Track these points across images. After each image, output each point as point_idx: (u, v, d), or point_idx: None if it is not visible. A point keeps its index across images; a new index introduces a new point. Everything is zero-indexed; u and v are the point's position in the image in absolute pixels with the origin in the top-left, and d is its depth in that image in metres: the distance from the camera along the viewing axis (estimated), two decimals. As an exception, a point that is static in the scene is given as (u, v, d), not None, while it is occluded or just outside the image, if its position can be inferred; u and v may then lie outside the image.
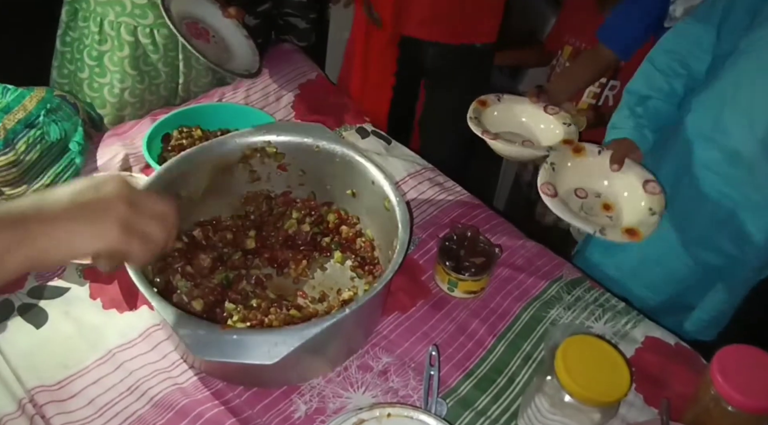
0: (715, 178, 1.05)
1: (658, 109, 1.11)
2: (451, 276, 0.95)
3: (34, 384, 0.81)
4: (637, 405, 0.85)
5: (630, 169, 1.07)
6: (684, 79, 1.09)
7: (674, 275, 1.16)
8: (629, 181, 1.07)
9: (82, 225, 0.57)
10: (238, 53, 1.35)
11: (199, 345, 0.69)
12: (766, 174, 1.00)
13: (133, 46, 1.30)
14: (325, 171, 1.01)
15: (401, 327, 0.93)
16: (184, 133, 1.16)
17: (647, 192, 1.04)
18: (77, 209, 0.57)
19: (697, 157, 1.07)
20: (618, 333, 0.95)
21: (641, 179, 1.06)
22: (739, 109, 1.00)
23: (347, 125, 1.30)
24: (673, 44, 1.11)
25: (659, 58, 1.12)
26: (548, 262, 1.05)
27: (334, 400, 0.83)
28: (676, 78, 1.10)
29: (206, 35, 1.32)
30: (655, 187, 1.04)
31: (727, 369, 0.72)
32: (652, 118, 1.10)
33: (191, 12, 1.31)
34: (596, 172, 1.08)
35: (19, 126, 1.02)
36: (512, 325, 0.95)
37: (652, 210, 1.01)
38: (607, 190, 1.09)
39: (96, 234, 0.57)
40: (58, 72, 1.37)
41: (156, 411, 0.80)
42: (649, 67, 1.13)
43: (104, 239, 0.58)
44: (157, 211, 0.63)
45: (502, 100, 1.25)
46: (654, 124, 1.10)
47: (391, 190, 0.92)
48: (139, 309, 0.91)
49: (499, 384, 0.87)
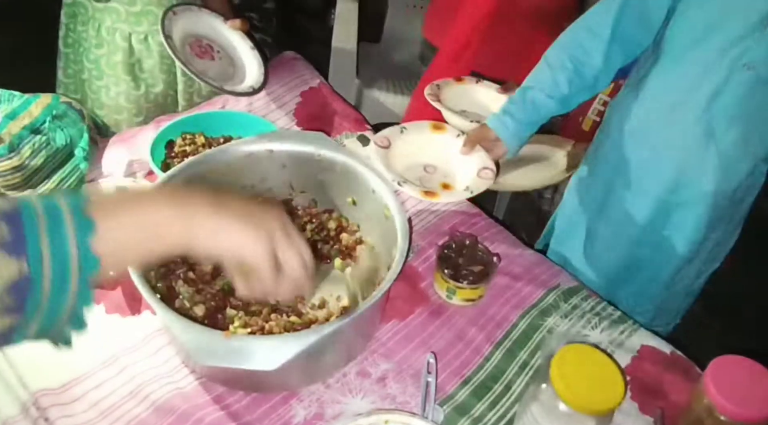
0: (645, 177, 1.10)
1: (534, 99, 1.08)
2: (450, 284, 0.96)
3: (37, 387, 0.82)
4: (632, 413, 0.86)
5: (476, 154, 1.12)
6: (569, 74, 1.06)
7: (608, 268, 1.23)
8: (469, 165, 1.12)
9: (245, 224, 0.59)
10: (244, 66, 1.36)
11: (201, 352, 0.70)
12: (696, 170, 1.06)
13: (127, 52, 1.32)
14: (326, 179, 1.02)
15: (400, 334, 0.94)
16: (187, 139, 1.17)
17: (479, 176, 1.09)
18: (245, 209, 0.61)
19: (629, 156, 1.12)
20: (614, 342, 0.96)
21: (481, 165, 1.11)
22: (665, 105, 1.04)
23: (348, 132, 1.31)
24: (567, 39, 1.10)
25: (551, 52, 1.11)
26: (546, 271, 1.06)
27: (332, 406, 0.84)
28: (561, 71, 1.07)
29: (210, 52, 1.33)
30: (488, 173, 1.09)
31: (720, 379, 0.73)
32: (523, 108, 1.09)
33: (194, 30, 1.31)
34: (447, 151, 1.15)
35: (25, 131, 1.03)
36: (509, 333, 0.96)
37: (469, 189, 1.07)
38: (450, 169, 1.15)
39: (254, 237, 0.60)
40: (63, 72, 1.40)
41: (157, 415, 0.81)
42: (542, 61, 1.11)
43: (260, 243, 0.60)
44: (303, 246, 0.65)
45: (480, 82, 1.34)
46: (523, 113, 1.09)
47: (391, 198, 0.93)
48: (142, 313, 0.93)
49: (495, 391, 0.88)
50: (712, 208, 1.09)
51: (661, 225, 1.14)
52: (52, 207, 0.49)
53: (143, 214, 0.54)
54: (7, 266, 0.45)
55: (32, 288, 0.46)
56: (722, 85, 0.98)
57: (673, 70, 1.03)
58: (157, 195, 0.58)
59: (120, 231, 0.53)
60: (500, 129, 1.09)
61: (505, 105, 1.11)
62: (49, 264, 0.47)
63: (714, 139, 1.02)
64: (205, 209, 0.58)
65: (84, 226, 0.49)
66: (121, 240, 0.53)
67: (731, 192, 1.09)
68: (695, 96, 1.01)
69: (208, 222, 0.57)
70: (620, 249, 1.20)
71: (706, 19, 0.98)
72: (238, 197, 0.62)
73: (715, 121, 1.01)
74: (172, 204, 0.56)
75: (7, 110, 1.06)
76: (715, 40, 0.97)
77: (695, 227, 1.12)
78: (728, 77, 0.97)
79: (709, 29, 0.97)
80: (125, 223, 0.53)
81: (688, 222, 1.12)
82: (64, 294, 0.48)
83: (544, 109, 1.08)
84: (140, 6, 1.29)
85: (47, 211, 0.48)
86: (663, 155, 1.08)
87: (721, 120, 1.01)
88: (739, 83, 0.97)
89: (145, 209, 0.55)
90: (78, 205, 0.50)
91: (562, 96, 1.07)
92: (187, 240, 0.57)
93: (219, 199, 0.59)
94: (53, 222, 0.48)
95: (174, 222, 0.56)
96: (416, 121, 1.18)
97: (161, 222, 0.55)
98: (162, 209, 0.56)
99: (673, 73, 1.03)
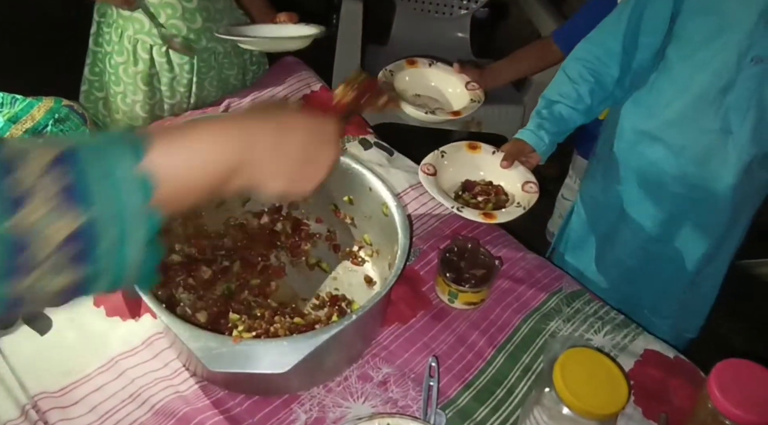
0: (664, 176, 1.12)
1: (562, 113, 1.14)
2: (452, 287, 0.95)
3: (37, 390, 0.82)
4: (635, 418, 0.85)
5: (515, 169, 1.14)
6: (590, 86, 1.13)
7: (630, 270, 1.24)
8: (512, 179, 1.14)
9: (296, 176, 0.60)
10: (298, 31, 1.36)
11: (211, 359, 0.70)
12: (718, 165, 1.07)
13: (147, 63, 1.32)
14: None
15: (401, 337, 0.93)
16: (189, 142, 1.17)
17: (524, 191, 1.11)
18: (303, 154, 0.61)
19: (646, 156, 1.13)
20: (617, 346, 0.95)
21: (523, 179, 1.13)
22: (680, 104, 1.06)
23: (349, 136, 1.31)
24: (583, 52, 1.16)
25: (570, 65, 1.17)
26: (548, 274, 1.06)
27: (333, 410, 0.83)
28: (583, 84, 1.14)
29: None
30: (532, 187, 1.11)
31: (724, 384, 0.72)
32: (554, 122, 1.14)
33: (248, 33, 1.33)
34: (487, 168, 1.16)
35: (27, 135, 1.03)
36: (512, 337, 0.95)
37: (520, 204, 1.09)
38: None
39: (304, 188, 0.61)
40: (90, 69, 1.42)
41: (157, 418, 0.80)
42: (561, 74, 1.18)
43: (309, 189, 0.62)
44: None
45: (433, 65, 1.35)
46: (555, 127, 1.14)
47: (389, 195, 0.93)
48: (142, 317, 0.92)
49: (497, 395, 0.87)
50: (732, 203, 1.11)
51: (682, 222, 1.16)
52: (107, 141, 0.47)
53: (200, 141, 0.53)
54: (65, 215, 0.43)
55: (92, 230, 0.44)
56: (733, 81, 1.00)
57: (683, 70, 1.05)
58: (217, 127, 0.55)
59: (177, 155, 0.50)
60: (538, 144, 1.13)
61: (536, 120, 1.15)
62: (106, 195, 0.45)
63: (731, 134, 1.04)
64: (265, 153, 0.57)
65: (138, 148, 0.47)
66: (177, 162, 0.50)
67: (750, 185, 1.10)
68: (708, 93, 1.03)
69: (266, 166, 0.57)
70: (641, 250, 1.21)
71: (709, 22, 1.00)
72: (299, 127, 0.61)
73: (730, 116, 1.03)
74: (231, 136, 0.54)
75: (10, 113, 1.06)
76: (721, 40, 0.99)
77: (717, 222, 1.14)
78: (738, 72, 0.99)
79: (714, 30, 0.99)
80: (182, 147, 0.51)
81: (710, 218, 1.13)
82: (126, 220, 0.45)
83: (571, 122, 1.15)
84: (164, 19, 1.30)
85: (101, 144, 0.46)
86: (681, 154, 1.10)
87: (735, 114, 1.02)
88: (748, 77, 0.99)
89: (202, 137, 0.53)
90: (133, 134, 0.49)
91: (586, 107, 1.14)
92: (245, 178, 0.55)
93: (280, 137, 0.58)
94: (107, 152, 0.46)
95: (232, 158, 0.54)
96: (452, 144, 1.19)
97: (218, 155, 0.53)
98: (221, 141, 0.54)
99: (683, 73, 1.05)
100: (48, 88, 1.13)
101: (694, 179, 1.10)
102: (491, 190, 1.13)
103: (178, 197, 0.51)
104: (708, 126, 1.05)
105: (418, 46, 2.23)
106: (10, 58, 1.67)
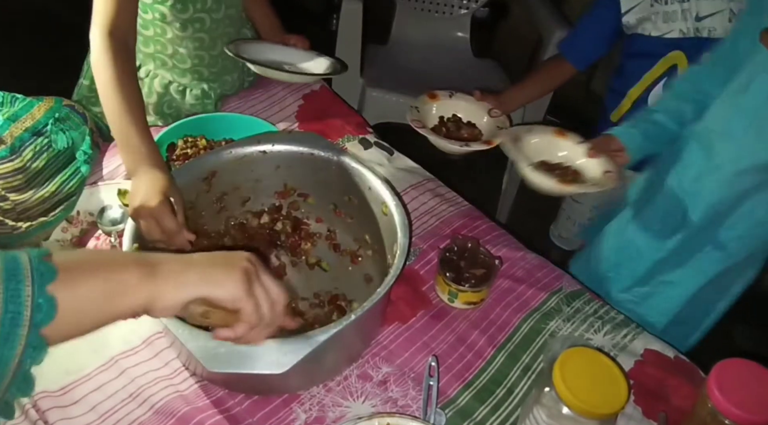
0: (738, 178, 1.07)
1: (658, 120, 1.16)
2: (452, 287, 0.95)
3: (37, 389, 0.81)
4: (635, 417, 0.86)
5: (598, 159, 1.15)
6: (695, 106, 1.13)
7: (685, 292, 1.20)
8: (593, 166, 1.15)
9: (215, 269, 0.60)
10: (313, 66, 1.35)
11: (210, 359, 0.70)
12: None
13: (161, 96, 1.32)
14: (321, 179, 1.02)
15: (401, 337, 0.93)
16: (189, 142, 1.17)
17: (604, 177, 1.12)
18: (210, 258, 0.61)
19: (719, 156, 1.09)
20: (617, 346, 0.95)
21: (604, 168, 1.13)
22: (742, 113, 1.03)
23: (350, 135, 1.31)
24: (693, 75, 1.17)
25: (679, 84, 1.19)
26: (548, 274, 1.06)
27: (333, 409, 0.83)
28: (687, 102, 1.14)
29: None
30: (611, 175, 1.11)
31: (724, 383, 0.72)
32: (648, 124, 1.16)
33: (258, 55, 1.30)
34: (570, 154, 1.19)
35: (27, 134, 1.03)
36: (512, 336, 0.95)
37: (598, 183, 1.11)
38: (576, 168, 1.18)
39: (228, 278, 0.60)
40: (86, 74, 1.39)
41: (157, 418, 0.80)
42: (667, 91, 1.22)
43: (233, 285, 0.60)
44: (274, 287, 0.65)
45: (453, 96, 1.35)
46: (648, 129, 1.15)
47: (388, 194, 0.93)
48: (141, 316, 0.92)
49: (497, 395, 0.87)
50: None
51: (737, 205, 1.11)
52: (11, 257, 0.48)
53: (106, 270, 0.54)
54: None
55: None
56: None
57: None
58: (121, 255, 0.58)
59: (81, 286, 0.51)
60: (628, 140, 1.15)
61: (630, 121, 1.18)
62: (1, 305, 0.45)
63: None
64: (170, 265, 0.57)
65: (44, 273, 0.48)
66: (81, 293, 0.51)
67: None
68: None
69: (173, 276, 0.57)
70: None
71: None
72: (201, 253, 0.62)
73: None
74: (136, 262, 0.56)
75: (10, 112, 1.06)
76: None
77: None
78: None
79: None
80: (87, 276, 0.52)
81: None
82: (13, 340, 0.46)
83: (666, 132, 1.16)
84: (189, 63, 1.29)
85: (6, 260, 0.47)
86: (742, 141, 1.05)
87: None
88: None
89: (108, 265, 0.54)
90: (40, 256, 0.49)
91: (683, 121, 1.15)
92: (152, 298, 0.56)
93: (183, 256, 0.59)
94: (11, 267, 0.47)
95: (138, 279, 0.54)
96: (541, 126, 1.24)
97: (125, 279, 0.54)
98: (127, 267, 0.55)
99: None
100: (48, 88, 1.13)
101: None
102: (569, 172, 1.15)
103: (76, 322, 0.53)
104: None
105: (418, 46, 2.24)
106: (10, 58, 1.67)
